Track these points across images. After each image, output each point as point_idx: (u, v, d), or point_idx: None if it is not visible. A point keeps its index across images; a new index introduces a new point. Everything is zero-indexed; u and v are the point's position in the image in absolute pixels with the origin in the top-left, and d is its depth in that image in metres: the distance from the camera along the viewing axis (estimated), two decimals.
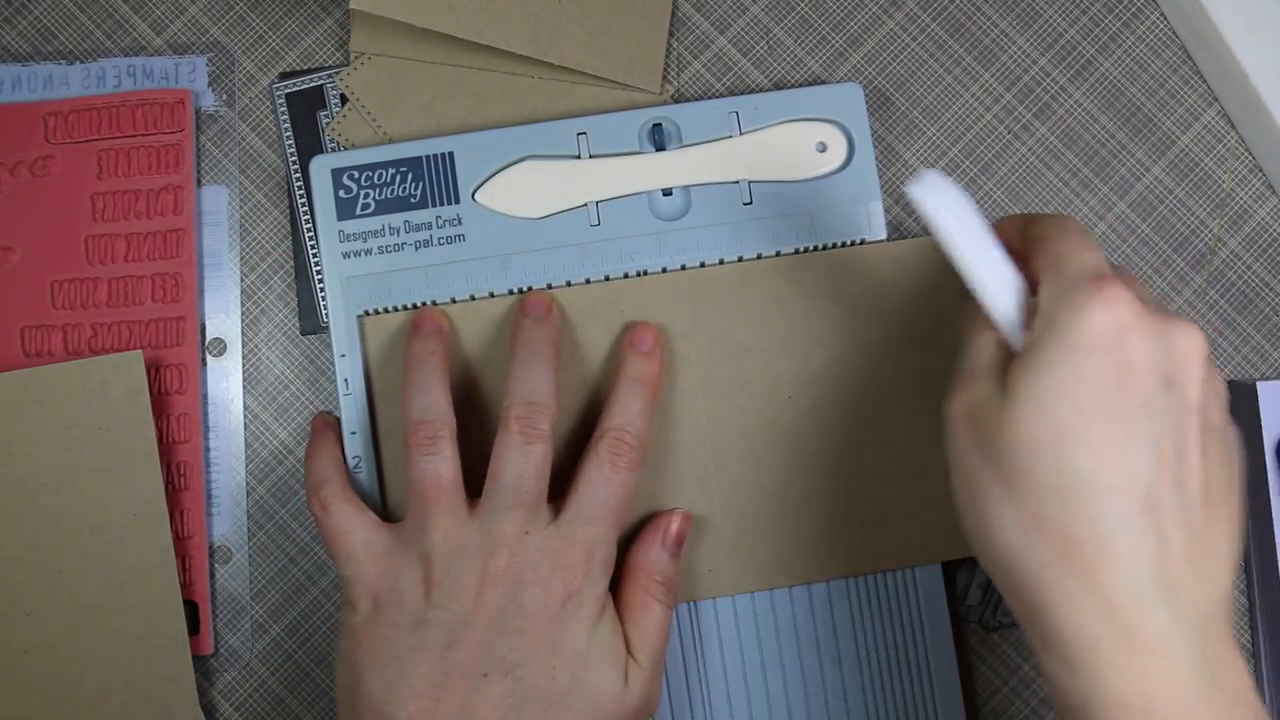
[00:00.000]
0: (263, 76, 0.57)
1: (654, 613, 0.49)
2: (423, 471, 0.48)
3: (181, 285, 0.55)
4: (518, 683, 0.45)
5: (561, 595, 0.47)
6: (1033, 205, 0.58)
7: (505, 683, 0.45)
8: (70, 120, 0.56)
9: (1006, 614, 0.56)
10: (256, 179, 0.57)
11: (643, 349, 0.52)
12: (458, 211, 0.53)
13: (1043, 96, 0.58)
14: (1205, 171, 0.58)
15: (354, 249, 0.53)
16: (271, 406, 0.56)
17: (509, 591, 0.46)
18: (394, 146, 0.54)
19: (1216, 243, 0.58)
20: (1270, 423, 0.55)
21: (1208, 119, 0.58)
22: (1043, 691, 0.56)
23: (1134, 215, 0.58)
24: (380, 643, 0.46)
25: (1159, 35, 0.59)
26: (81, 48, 0.57)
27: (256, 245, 0.57)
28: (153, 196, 0.56)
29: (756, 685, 0.53)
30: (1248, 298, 0.58)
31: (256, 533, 0.56)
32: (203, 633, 0.54)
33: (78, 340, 0.55)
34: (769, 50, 0.58)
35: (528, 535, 0.47)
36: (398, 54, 0.56)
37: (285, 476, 0.56)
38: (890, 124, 0.58)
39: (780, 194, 0.54)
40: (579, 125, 0.54)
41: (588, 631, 0.47)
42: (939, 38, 0.59)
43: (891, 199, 0.57)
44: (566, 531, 0.48)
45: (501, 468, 0.48)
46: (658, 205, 0.54)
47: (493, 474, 0.48)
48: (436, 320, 0.52)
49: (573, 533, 0.48)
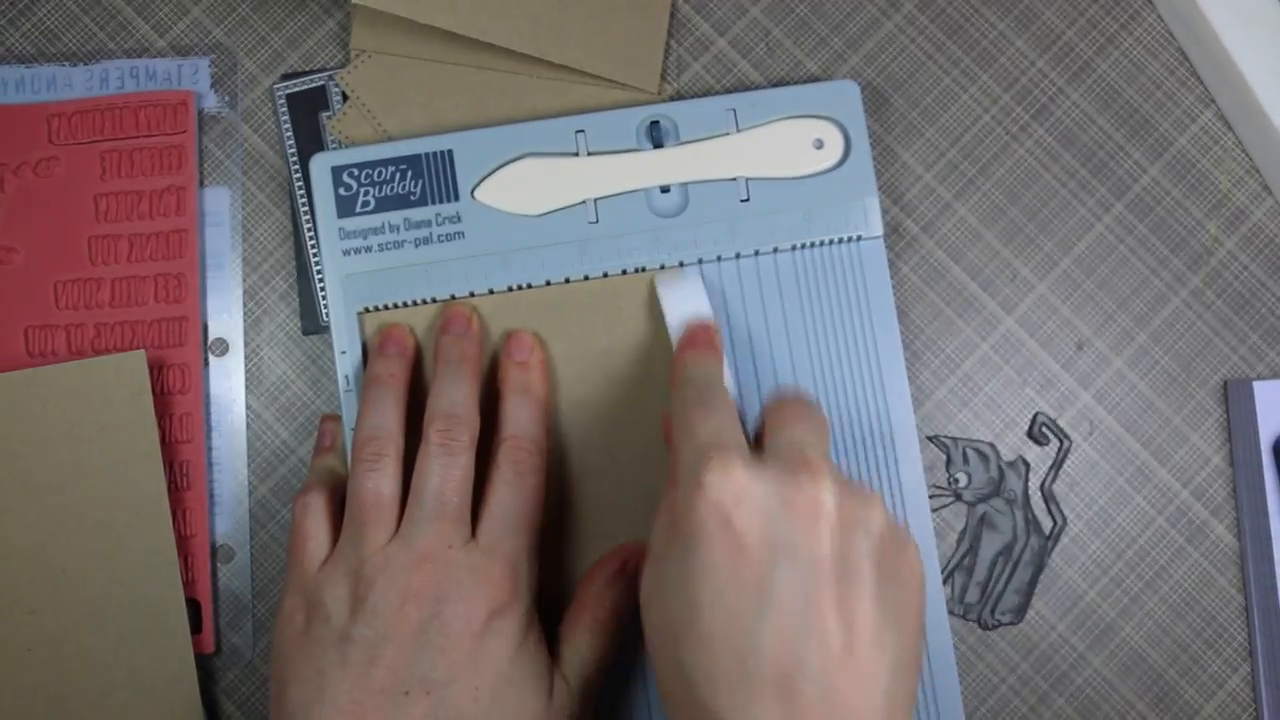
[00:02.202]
0: (265, 78, 0.58)
1: (596, 637, 0.49)
2: (363, 487, 0.48)
3: (184, 286, 0.56)
4: (439, 702, 0.44)
5: (486, 611, 0.46)
6: (1031, 206, 0.58)
7: (426, 701, 0.44)
8: (74, 121, 0.56)
9: (1004, 612, 0.56)
10: (259, 180, 0.57)
11: (518, 358, 0.52)
12: (457, 209, 0.54)
13: (1041, 98, 0.59)
14: (1202, 172, 0.58)
15: (354, 246, 0.53)
16: (273, 406, 0.56)
17: (432, 607, 0.45)
18: (394, 144, 0.54)
19: (1213, 243, 0.58)
20: (1267, 422, 0.55)
21: (1205, 120, 0.59)
22: (1041, 689, 0.56)
23: (1131, 216, 0.58)
24: (304, 657, 0.46)
25: (1156, 37, 0.59)
26: (85, 49, 0.57)
27: (258, 246, 0.57)
28: (155, 197, 0.56)
29: None
30: (1244, 298, 0.58)
31: (259, 532, 0.56)
32: (205, 632, 0.55)
33: (81, 340, 0.55)
34: (768, 52, 0.59)
35: (450, 549, 0.46)
36: (398, 52, 0.56)
37: (287, 476, 0.56)
38: (889, 125, 0.58)
39: (777, 191, 0.54)
40: (577, 123, 0.55)
41: (513, 650, 0.46)
42: (937, 39, 0.59)
43: (889, 198, 0.58)
44: (486, 545, 0.47)
45: (423, 481, 0.47)
46: (656, 202, 0.54)
47: (415, 488, 0.48)
48: (401, 340, 0.52)
49: (493, 547, 0.47)
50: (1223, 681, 0.56)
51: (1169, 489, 0.57)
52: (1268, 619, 0.55)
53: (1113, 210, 0.58)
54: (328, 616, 0.46)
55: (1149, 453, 0.57)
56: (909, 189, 0.58)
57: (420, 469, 0.48)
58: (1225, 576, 0.56)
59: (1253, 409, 0.56)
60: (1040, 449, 0.57)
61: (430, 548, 0.46)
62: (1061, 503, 0.56)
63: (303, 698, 0.45)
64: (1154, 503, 0.57)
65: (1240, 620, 0.56)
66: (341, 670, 0.45)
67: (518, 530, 0.48)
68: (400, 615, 0.45)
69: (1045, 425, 0.57)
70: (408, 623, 0.45)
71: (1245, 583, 0.56)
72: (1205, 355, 0.57)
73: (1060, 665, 0.56)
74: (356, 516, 0.47)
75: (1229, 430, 0.57)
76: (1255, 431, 0.55)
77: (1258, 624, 0.56)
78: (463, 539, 0.47)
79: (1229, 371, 0.57)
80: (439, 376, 0.50)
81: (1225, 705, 0.56)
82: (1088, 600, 0.56)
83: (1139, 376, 0.57)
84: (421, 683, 0.45)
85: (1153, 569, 0.56)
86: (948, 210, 0.58)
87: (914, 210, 0.58)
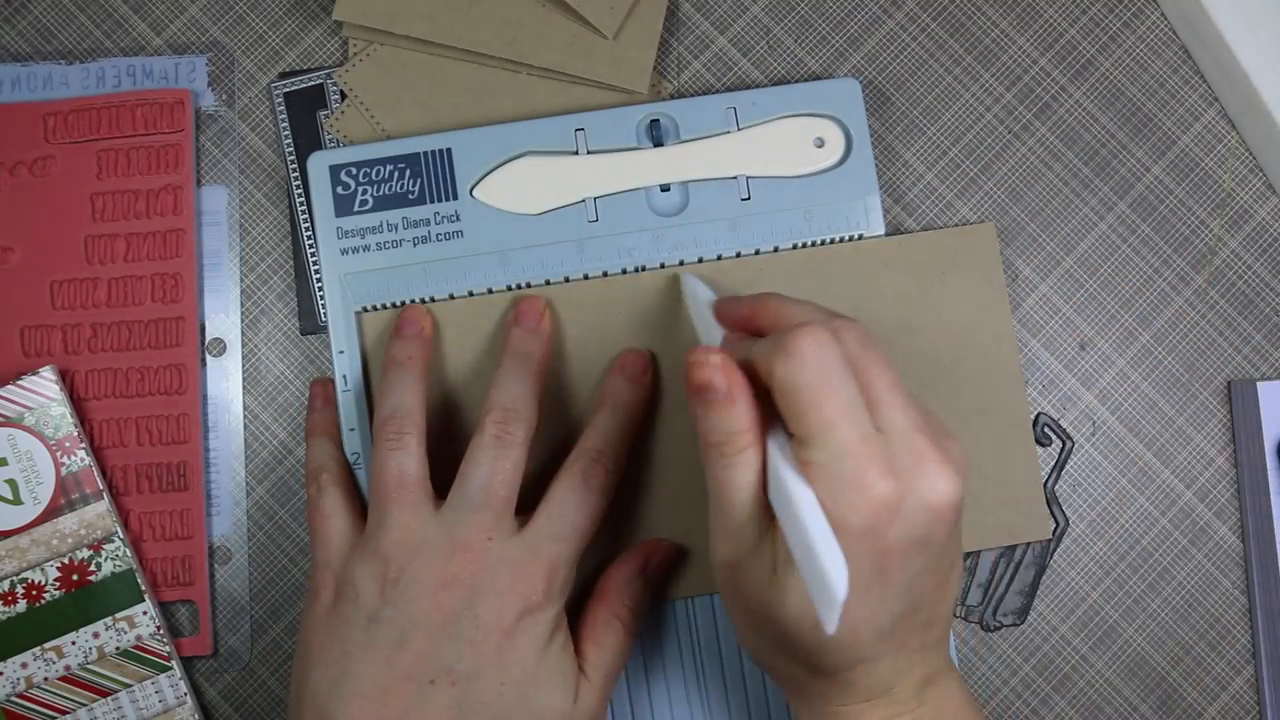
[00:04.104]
0: (262, 76, 0.57)
1: (617, 634, 0.49)
2: (385, 466, 0.47)
3: (181, 285, 0.55)
4: (464, 695, 0.45)
5: (519, 609, 0.46)
6: (1033, 205, 0.58)
7: (451, 692, 0.44)
8: (70, 120, 0.56)
9: (1006, 614, 0.55)
10: (256, 179, 0.57)
11: (630, 373, 0.52)
12: (456, 208, 0.53)
13: (1043, 96, 0.58)
14: (1205, 171, 0.58)
15: (352, 245, 0.53)
16: (271, 406, 0.56)
17: (466, 597, 0.45)
18: (392, 143, 0.54)
19: (1217, 242, 0.58)
20: (1271, 423, 0.55)
21: (1208, 119, 0.58)
22: (1043, 692, 0.55)
23: (1134, 215, 0.58)
24: (332, 637, 0.46)
25: (1159, 35, 0.59)
26: (81, 48, 0.57)
27: (256, 245, 0.57)
28: (152, 196, 0.56)
29: (735, 685, 0.53)
30: (1248, 298, 0.57)
31: (256, 533, 0.55)
32: (202, 633, 0.54)
33: (77, 340, 0.55)
34: (769, 50, 0.58)
35: (490, 541, 0.46)
36: (395, 45, 0.56)
37: (285, 476, 0.56)
38: (890, 124, 0.58)
39: (778, 189, 0.54)
40: (577, 121, 0.54)
41: (540, 650, 0.46)
42: (939, 37, 0.59)
43: (890, 197, 0.57)
44: (532, 544, 0.47)
45: (472, 469, 0.47)
46: (656, 201, 0.54)
47: (462, 475, 0.47)
48: (419, 322, 0.52)
49: (538, 547, 0.47)
50: (1226, 684, 0.56)
51: (1172, 490, 0.57)
52: (1272, 621, 0.55)
53: (1115, 210, 0.58)
54: (356, 595, 0.46)
55: (1152, 453, 0.57)
56: (910, 188, 0.58)
57: (470, 457, 0.47)
58: (1229, 578, 0.56)
59: (1256, 409, 0.55)
60: (1043, 450, 0.56)
61: (470, 537, 0.46)
62: (1064, 504, 0.56)
63: (327, 678, 0.45)
64: (1157, 504, 0.56)
65: (1244, 622, 0.56)
66: (367, 653, 0.45)
67: (568, 537, 0.48)
68: (433, 602, 0.45)
69: (1048, 426, 0.56)
70: (440, 610, 0.45)
71: (1249, 584, 0.56)
72: (1209, 355, 0.57)
73: (1063, 667, 0.56)
74: (381, 496, 0.47)
75: (1233, 431, 0.57)
76: (1259, 432, 0.55)
77: (1261, 626, 0.55)
78: (504, 532, 0.47)
79: (1233, 372, 0.57)
80: (502, 368, 0.50)
81: (1229, 707, 0.56)
82: (1090, 602, 0.56)
83: (1142, 377, 0.57)
84: (448, 673, 0.45)
85: (1156, 570, 0.56)
86: (949, 209, 0.57)
87: (915, 209, 0.57)
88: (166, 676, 0.53)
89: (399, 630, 0.45)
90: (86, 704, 0.53)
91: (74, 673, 0.53)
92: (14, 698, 0.52)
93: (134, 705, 0.53)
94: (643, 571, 0.51)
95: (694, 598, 0.53)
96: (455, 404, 0.53)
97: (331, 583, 0.47)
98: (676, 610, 0.53)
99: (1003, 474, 0.54)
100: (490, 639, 0.45)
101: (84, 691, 0.53)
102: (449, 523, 0.46)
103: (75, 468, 0.53)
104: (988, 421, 0.54)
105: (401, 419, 0.48)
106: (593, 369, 0.53)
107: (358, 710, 0.44)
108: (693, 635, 0.53)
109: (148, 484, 0.54)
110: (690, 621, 0.53)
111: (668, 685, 0.53)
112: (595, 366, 0.53)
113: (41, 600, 0.53)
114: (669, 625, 0.53)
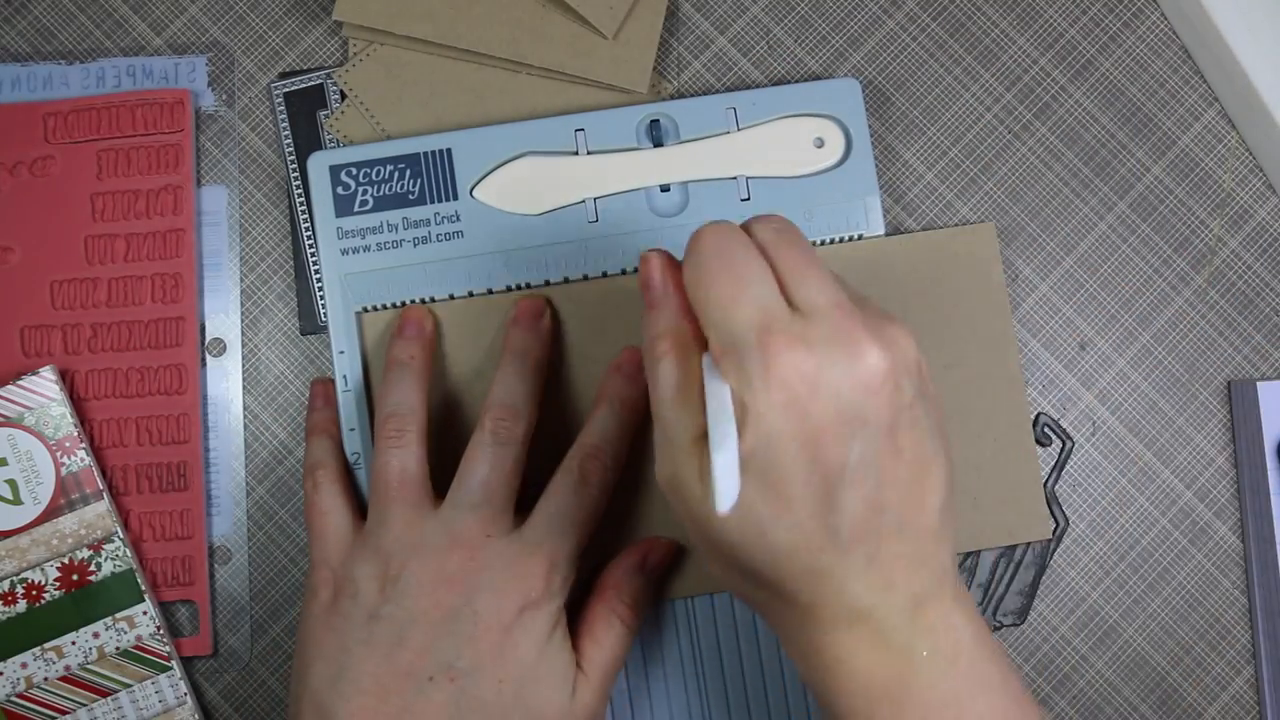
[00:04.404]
0: (262, 76, 0.57)
1: (616, 631, 0.49)
2: (386, 464, 0.48)
3: (181, 285, 0.55)
4: (463, 692, 0.45)
5: (517, 605, 0.46)
6: (1033, 205, 0.58)
7: (450, 689, 0.45)
8: (70, 120, 0.56)
9: (1006, 614, 0.55)
10: (256, 179, 0.57)
11: (629, 372, 0.52)
12: (456, 208, 0.53)
13: (1043, 96, 0.58)
14: (1205, 171, 0.58)
15: (352, 245, 0.53)
16: (271, 406, 0.56)
17: (465, 594, 0.45)
18: (392, 143, 0.54)
19: (1217, 243, 0.58)
20: (1271, 423, 0.55)
21: (1208, 119, 0.58)
22: (1043, 692, 0.55)
23: (1134, 215, 0.58)
24: (331, 634, 0.46)
25: (1159, 35, 0.59)
26: (81, 48, 0.57)
27: (256, 245, 0.57)
28: (152, 196, 0.55)
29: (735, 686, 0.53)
30: (1248, 298, 0.57)
31: (256, 533, 0.55)
32: (202, 633, 0.54)
33: (77, 341, 0.55)
34: (769, 50, 0.58)
35: (490, 539, 0.46)
36: (395, 45, 0.56)
37: (285, 476, 0.56)
38: (890, 124, 0.58)
39: (778, 189, 0.54)
40: (577, 121, 0.54)
41: (539, 646, 0.46)
42: (939, 37, 0.59)
43: (890, 197, 0.57)
44: (531, 541, 0.47)
45: (471, 467, 0.47)
46: (656, 201, 0.54)
47: (461, 472, 0.48)
48: (420, 322, 0.52)
49: (537, 544, 0.47)
50: (1226, 684, 0.56)
51: (1172, 490, 0.57)
52: (1272, 621, 0.55)
53: (1115, 210, 0.58)
54: (356, 593, 0.46)
55: (1152, 453, 0.57)
56: (911, 188, 0.58)
57: (470, 455, 0.48)
58: (1229, 578, 0.56)
59: (1256, 410, 0.55)
60: (1043, 450, 0.56)
61: (469, 534, 0.46)
62: (1064, 504, 0.56)
63: (326, 675, 0.45)
64: (1157, 504, 0.56)
65: (1244, 622, 0.56)
66: (367, 649, 0.45)
67: (567, 533, 0.48)
68: (432, 599, 0.45)
69: (1048, 426, 0.56)
70: (439, 607, 0.45)
71: (1249, 585, 0.56)
72: (1209, 355, 0.57)
73: (1062, 667, 0.56)
74: (382, 494, 0.47)
75: (1233, 431, 0.57)
76: (1259, 432, 0.55)
77: (1261, 626, 0.55)
78: (503, 529, 0.47)
79: (1233, 372, 0.57)
80: (502, 367, 0.50)
81: (1229, 708, 0.56)
82: (1090, 602, 0.56)
83: (1142, 377, 0.57)
84: (447, 669, 0.45)
85: (1156, 571, 0.56)
86: (949, 209, 0.57)
87: (916, 209, 0.57)
88: (166, 676, 0.53)
89: (398, 627, 0.45)
90: (86, 704, 0.53)
91: (74, 673, 0.53)
92: (14, 698, 0.53)
93: (134, 705, 0.53)
94: (642, 568, 0.51)
95: (694, 597, 0.53)
96: (456, 403, 0.53)
97: (331, 580, 0.47)
98: (676, 610, 0.53)
99: (1003, 474, 0.54)
100: (489, 636, 0.45)
101: (84, 691, 0.53)
102: (448, 520, 0.47)
103: (75, 468, 0.53)
104: (988, 421, 0.54)
105: (403, 417, 0.48)
106: (593, 369, 0.53)
107: (357, 707, 0.44)
108: (693, 635, 0.53)
109: (148, 484, 0.54)
110: (690, 621, 0.53)
111: (667, 685, 0.53)
112: (595, 366, 0.53)
113: (41, 600, 0.53)
114: (669, 625, 0.53)
